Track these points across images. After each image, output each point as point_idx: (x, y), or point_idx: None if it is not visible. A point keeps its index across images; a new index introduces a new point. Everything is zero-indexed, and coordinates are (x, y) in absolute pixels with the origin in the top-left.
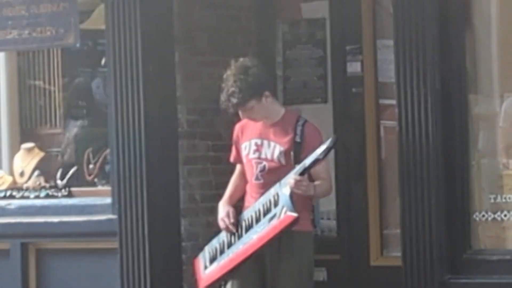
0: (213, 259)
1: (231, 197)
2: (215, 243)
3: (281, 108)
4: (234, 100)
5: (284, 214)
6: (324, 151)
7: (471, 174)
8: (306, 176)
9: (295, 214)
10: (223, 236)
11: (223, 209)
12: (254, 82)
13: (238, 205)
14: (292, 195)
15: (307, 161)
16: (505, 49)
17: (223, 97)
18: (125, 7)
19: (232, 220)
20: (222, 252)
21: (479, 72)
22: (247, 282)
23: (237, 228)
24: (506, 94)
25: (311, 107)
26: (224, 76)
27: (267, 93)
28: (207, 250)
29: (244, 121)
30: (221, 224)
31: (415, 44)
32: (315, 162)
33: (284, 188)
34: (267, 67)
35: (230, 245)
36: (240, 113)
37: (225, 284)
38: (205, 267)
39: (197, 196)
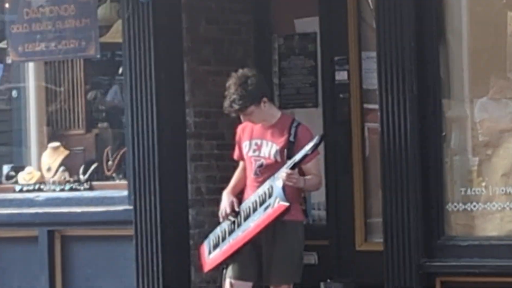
0: (216, 245)
1: (234, 188)
2: (218, 231)
3: (277, 112)
4: (236, 106)
5: (277, 204)
6: (312, 147)
7: (444, 169)
8: (296, 170)
9: (286, 204)
10: (225, 224)
11: (227, 198)
12: (253, 90)
13: (239, 197)
14: (284, 187)
15: (297, 157)
16: (474, 60)
17: (226, 103)
18: (139, 22)
19: (237, 209)
20: (224, 239)
21: (452, 80)
22: (246, 265)
23: (237, 216)
24: (476, 99)
25: (304, 111)
26: (227, 85)
27: (265, 99)
28: (211, 238)
29: (245, 123)
30: (222, 211)
31: (395, 55)
32: (304, 157)
33: (277, 181)
34: (265, 76)
35: (231, 232)
36: (241, 117)
37: (227, 267)
38: (209, 253)
39: (203, 189)
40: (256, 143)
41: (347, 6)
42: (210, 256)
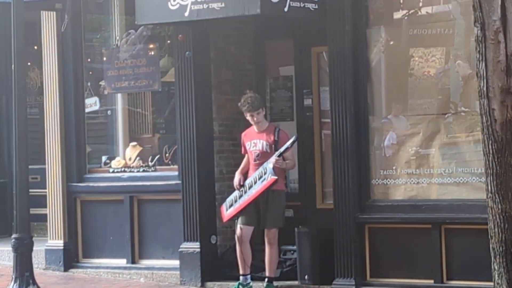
0: (231, 205)
1: (242, 169)
2: (232, 196)
3: (267, 122)
4: (250, 108)
5: (269, 178)
6: (291, 143)
7: (370, 159)
8: (281, 157)
9: (275, 177)
10: (236, 192)
11: (237, 176)
12: (257, 101)
13: (245, 175)
14: (273, 168)
15: (282, 149)
16: (388, 92)
17: (246, 107)
18: (185, 69)
19: (241, 183)
20: (235, 201)
21: (374, 104)
22: (250, 216)
23: (243, 187)
24: (389, 116)
25: (285, 123)
26: (243, 99)
27: (263, 108)
28: (227, 201)
29: (246, 131)
30: (235, 183)
31: (340, 89)
32: (286, 149)
33: (269, 164)
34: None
35: (240, 197)
36: (249, 116)
37: (238, 218)
38: (226, 210)
39: (223, 171)
40: (254, 142)
41: (311, 59)
42: (227, 212)
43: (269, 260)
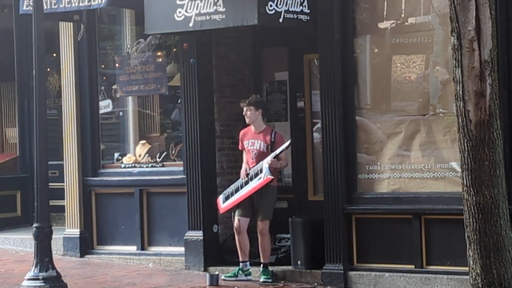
0: (227, 198)
1: (246, 163)
2: (228, 190)
3: (264, 125)
4: (245, 101)
5: (266, 177)
6: (286, 146)
7: (357, 155)
8: (276, 158)
9: (272, 177)
10: (232, 186)
11: (244, 166)
12: (255, 100)
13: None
14: (269, 167)
15: (277, 151)
16: (372, 95)
17: (245, 102)
18: (189, 75)
19: (247, 172)
20: (232, 194)
21: (361, 106)
22: (246, 209)
23: (248, 175)
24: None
25: (280, 123)
26: (248, 99)
27: (257, 109)
28: (224, 194)
29: (244, 130)
30: (241, 173)
31: (330, 92)
32: (281, 151)
33: (265, 164)
34: None
35: (236, 191)
36: (246, 109)
37: (235, 211)
38: (223, 202)
39: (224, 166)
40: (252, 141)
41: (303, 65)
42: (224, 205)
43: (262, 248)
